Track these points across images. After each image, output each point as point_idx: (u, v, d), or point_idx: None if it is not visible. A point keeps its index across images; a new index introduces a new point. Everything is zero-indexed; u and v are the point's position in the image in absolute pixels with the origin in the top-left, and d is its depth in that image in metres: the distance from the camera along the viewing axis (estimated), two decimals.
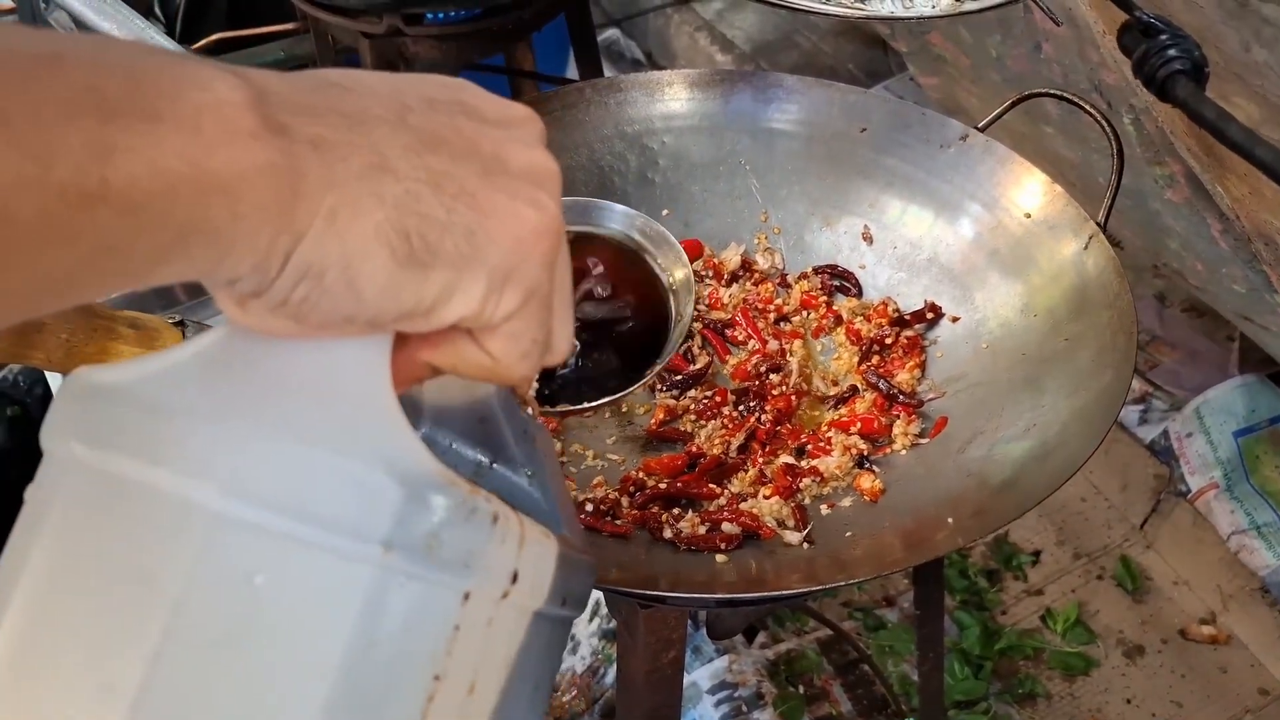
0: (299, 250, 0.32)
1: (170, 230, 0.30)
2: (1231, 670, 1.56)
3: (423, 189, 0.34)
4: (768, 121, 1.04)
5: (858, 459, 0.86)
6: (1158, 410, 1.73)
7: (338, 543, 0.34)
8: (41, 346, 0.67)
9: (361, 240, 0.33)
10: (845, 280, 1.00)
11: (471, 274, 0.35)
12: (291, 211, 0.31)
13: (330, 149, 0.32)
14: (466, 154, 0.36)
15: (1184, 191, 1.22)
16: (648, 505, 0.84)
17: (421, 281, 0.34)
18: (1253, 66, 0.86)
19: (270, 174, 0.31)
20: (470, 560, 0.37)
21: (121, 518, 0.36)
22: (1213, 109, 0.52)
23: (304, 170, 0.32)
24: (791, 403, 0.91)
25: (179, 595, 0.34)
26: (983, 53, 1.50)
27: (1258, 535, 1.56)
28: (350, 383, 0.36)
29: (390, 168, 0.33)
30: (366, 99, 0.35)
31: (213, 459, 0.35)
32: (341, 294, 0.33)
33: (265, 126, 0.31)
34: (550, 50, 1.81)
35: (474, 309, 0.36)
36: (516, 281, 0.36)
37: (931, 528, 0.78)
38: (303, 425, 0.35)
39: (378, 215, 0.33)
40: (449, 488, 0.36)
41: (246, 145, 0.30)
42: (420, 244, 0.34)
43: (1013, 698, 1.53)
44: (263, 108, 0.31)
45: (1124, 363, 0.80)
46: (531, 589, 0.40)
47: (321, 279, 0.33)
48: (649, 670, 0.88)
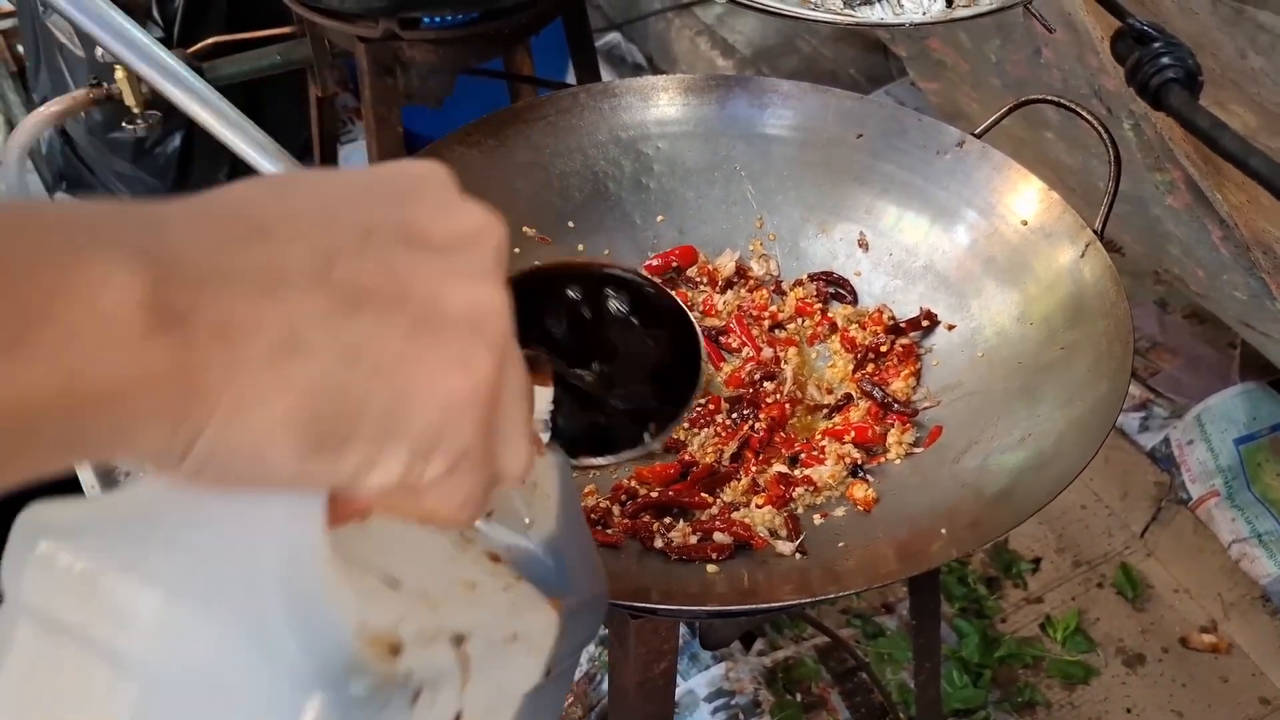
0: (200, 441, 0.30)
1: (42, 448, 0.28)
2: (1232, 679, 1.55)
3: (337, 366, 0.31)
4: (763, 127, 1.04)
5: (851, 468, 0.86)
6: (1159, 417, 1.72)
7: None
8: None
9: (266, 431, 0.31)
10: (840, 287, 0.99)
11: (392, 448, 0.33)
12: (187, 410, 0.30)
13: (234, 330, 0.30)
14: (395, 305, 0.32)
15: (1184, 198, 1.22)
16: (639, 514, 0.83)
17: (335, 462, 0.32)
18: (1249, 74, 0.86)
19: (162, 380, 0.29)
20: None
21: (61, 679, 0.35)
22: (1206, 118, 0.51)
23: (204, 364, 0.29)
24: (785, 411, 0.90)
25: None
26: (982, 58, 1.49)
27: (1259, 543, 1.55)
28: (279, 545, 0.34)
29: (302, 343, 0.31)
30: (286, 248, 0.32)
31: (141, 629, 0.34)
32: (254, 476, 0.32)
33: (160, 322, 0.29)
34: (549, 55, 1.80)
35: (395, 479, 0.33)
36: (444, 449, 0.34)
37: (926, 538, 0.77)
38: (226, 596, 0.34)
39: (283, 403, 0.31)
40: (366, 678, 0.34)
41: (135, 350, 0.28)
42: (332, 426, 0.32)
43: (1012, 706, 1.52)
44: (160, 297, 0.29)
45: (1120, 372, 0.80)
46: (497, 699, 0.39)
47: (230, 463, 0.31)
48: (641, 680, 0.87)
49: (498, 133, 1.01)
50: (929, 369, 0.93)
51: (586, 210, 1.02)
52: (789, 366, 0.93)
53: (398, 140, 1.38)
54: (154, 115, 1.41)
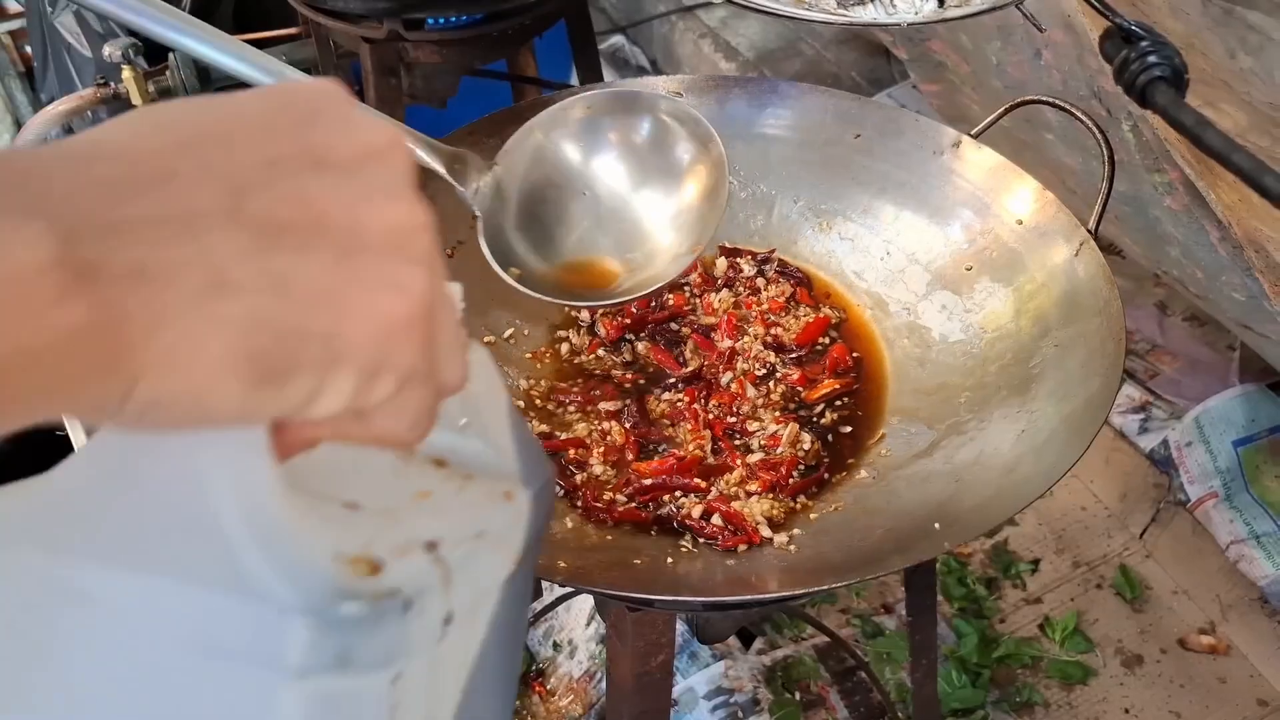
0: (136, 393, 0.29)
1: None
2: (1230, 680, 1.56)
3: (269, 300, 0.30)
4: (761, 127, 1.05)
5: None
6: (1158, 419, 1.73)
7: (251, 674, 0.33)
8: None
9: (205, 373, 0.29)
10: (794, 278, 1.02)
11: (337, 375, 0.32)
12: (116, 364, 0.28)
13: (155, 277, 0.29)
14: (315, 238, 0.31)
15: (1182, 199, 1.22)
16: (648, 491, 0.85)
17: (280, 394, 0.31)
18: (1239, 73, 0.86)
19: (86, 334, 0.28)
20: (389, 654, 0.35)
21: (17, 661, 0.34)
22: (1191, 116, 0.52)
23: (126, 315, 0.28)
24: (733, 399, 0.93)
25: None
26: (983, 59, 1.50)
27: (1257, 545, 1.55)
28: (233, 490, 0.33)
29: (228, 282, 0.30)
30: (191, 188, 0.30)
31: (111, 602, 0.33)
32: (195, 419, 0.31)
33: (74, 279, 0.27)
34: (553, 56, 1.82)
35: (342, 405, 0.33)
36: (389, 371, 0.33)
37: (919, 532, 0.78)
38: (185, 551, 0.33)
39: (220, 343, 0.29)
40: (350, 599, 0.34)
41: (52, 311, 0.27)
42: (273, 362, 0.30)
43: (1010, 706, 1.53)
44: (70, 252, 0.28)
45: (1113, 369, 0.81)
46: (475, 597, 0.39)
47: (171, 410, 0.30)
48: (638, 674, 0.88)
49: (499, 131, 1.02)
50: (922, 366, 0.94)
51: None
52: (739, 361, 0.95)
53: None
54: None
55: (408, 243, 0.33)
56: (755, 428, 0.90)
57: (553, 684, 1.53)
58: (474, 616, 0.40)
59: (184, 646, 0.33)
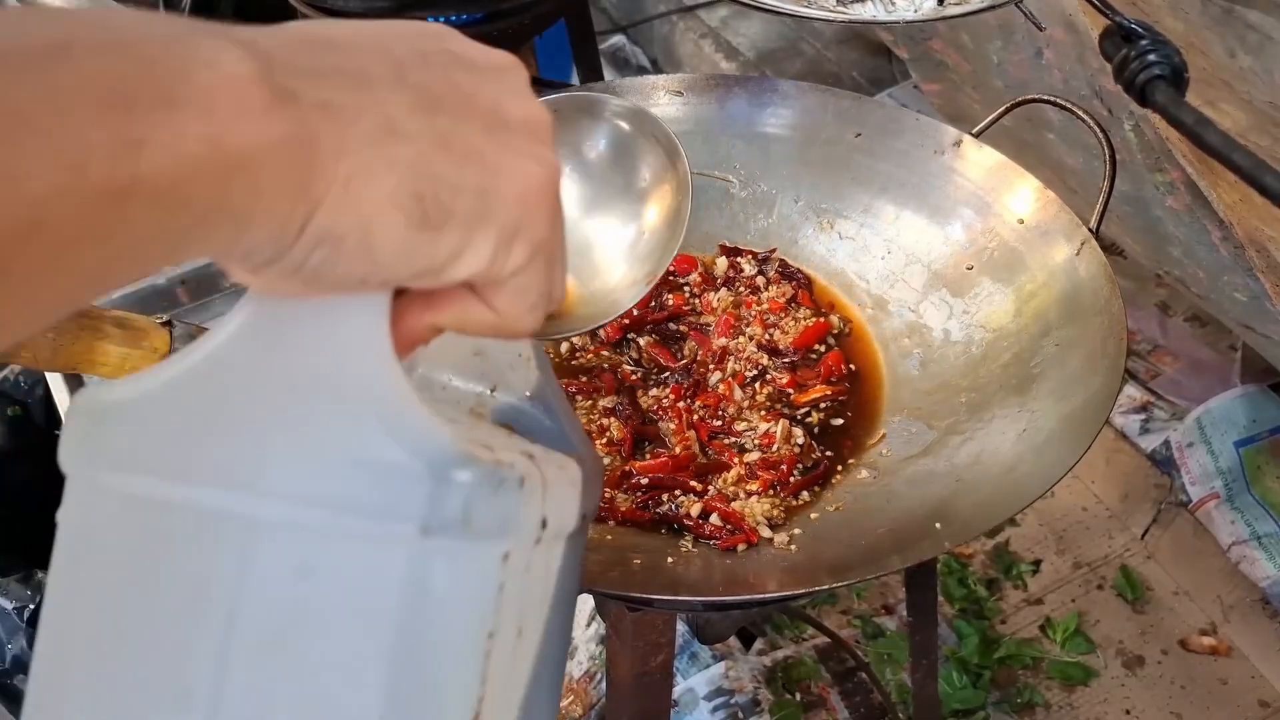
0: (315, 219, 0.32)
1: (192, 215, 0.30)
2: (1232, 682, 1.55)
3: (433, 151, 0.34)
4: (762, 126, 1.05)
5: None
6: (1159, 420, 1.73)
7: (375, 530, 0.35)
8: (28, 345, 0.68)
9: (376, 205, 0.33)
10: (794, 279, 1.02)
11: (482, 232, 0.35)
12: (308, 182, 0.31)
13: (339, 113, 0.32)
14: (467, 111, 0.36)
15: (1184, 198, 1.22)
16: (648, 490, 0.85)
17: (434, 242, 0.34)
18: (1238, 73, 0.86)
19: (286, 147, 0.31)
20: (504, 526, 0.37)
21: (158, 538, 0.36)
22: (1191, 114, 0.51)
23: (318, 138, 0.31)
24: (719, 399, 0.92)
25: (230, 604, 0.35)
26: (984, 59, 1.50)
27: (1258, 546, 1.55)
28: (358, 367, 0.36)
29: (399, 130, 0.33)
30: (362, 57, 0.34)
31: (236, 467, 0.35)
32: (357, 258, 0.33)
33: (275, 97, 0.31)
34: (553, 56, 1.82)
35: (484, 265, 0.36)
36: (524, 237, 0.36)
37: (920, 532, 0.78)
38: (318, 418, 0.36)
39: (391, 180, 0.33)
40: (474, 463, 0.36)
41: (260, 120, 0.30)
42: (434, 206, 0.34)
43: (1011, 707, 1.53)
44: (270, 77, 0.31)
45: (1113, 368, 0.80)
46: (559, 523, 0.41)
47: (339, 245, 0.33)
48: (638, 674, 0.88)
49: None
50: (923, 365, 0.94)
51: None
52: (731, 366, 0.95)
53: None
54: None
55: (540, 131, 0.38)
56: (744, 428, 0.90)
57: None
58: (558, 533, 0.41)
59: (310, 504, 0.35)
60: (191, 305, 1.58)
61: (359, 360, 0.36)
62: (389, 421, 0.35)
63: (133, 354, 0.70)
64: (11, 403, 1.49)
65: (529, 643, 0.41)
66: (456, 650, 0.37)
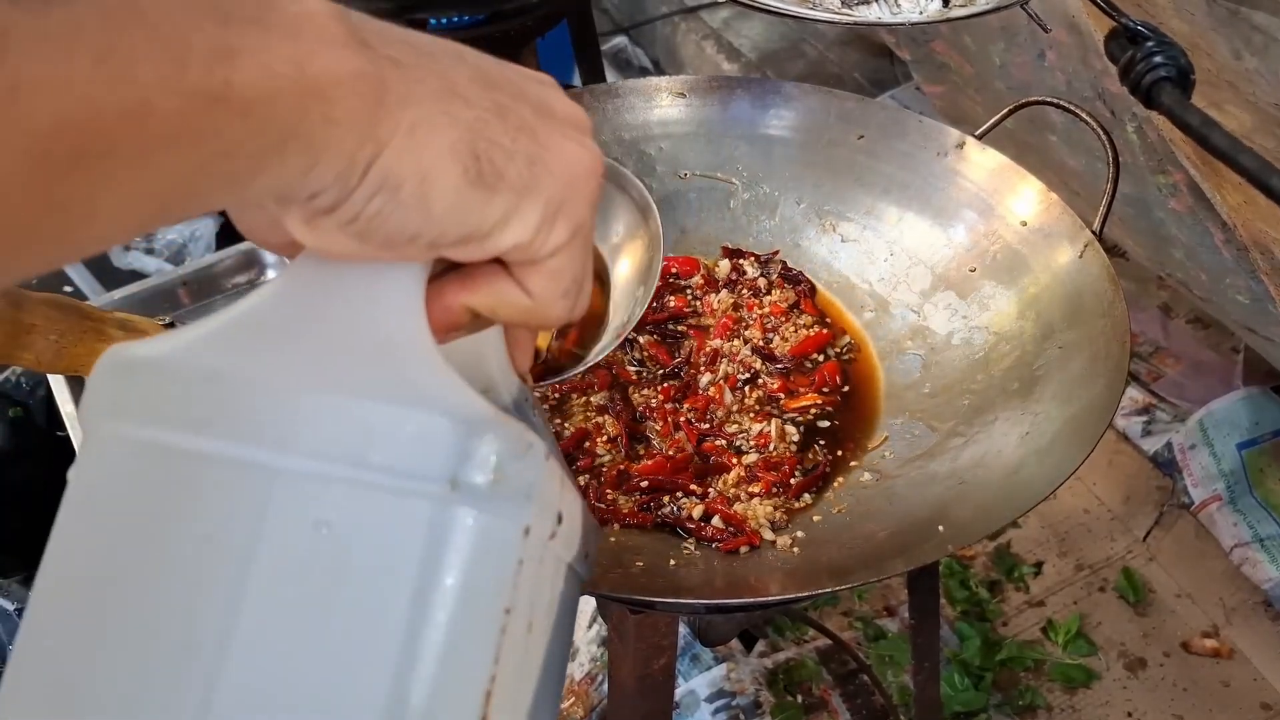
0: (380, 160, 0.33)
1: (273, 134, 0.31)
2: (1234, 684, 1.55)
3: (490, 117, 0.36)
4: (765, 128, 1.04)
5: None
6: (1161, 422, 1.72)
7: (403, 484, 0.35)
8: (31, 347, 0.68)
9: (437, 156, 0.34)
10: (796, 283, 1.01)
11: (530, 202, 0.37)
12: (376, 122, 0.33)
13: (408, 69, 0.34)
14: (520, 95, 0.38)
15: (1187, 201, 1.22)
16: (649, 493, 0.85)
17: (486, 203, 0.36)
18: (1244, 74, 0.86)
19: (360, 83, 0.32)
20: (530, 493, 0.37)
21: (177, 487, 0.36)
22: (1196, 115, 0.51)
23: (388, 84, 0.33)
24: (708, 403, 0.92)
25: (246, 553, 0.35)
26: (987, 61, 1.50)
27: (1261, 548, 1.55)
28: (392, 332, 0.37)
29: (460, 94, 0.35)
30: (426, 38, 0.37)
31: (265, 418, 0.35)
32: (413, 208, 0.35)
33: (352, 38, 0.33)
34: (555, 58, 1.81)
35: (527, 237, 0.37)
36: (567, 215, 0.38)
37: (922, 534, 0.77)
38: (351, 376, 0.36)
39: (452, 134, 0.35)
40: (505, 424, 0.36)
41: (339, 54, 0.32)
42: (489, 166, 0.35)
43: (1013, 709, 1.53)
44: (348, 23, 0.33)
45: (1117, 371, 0.80)
46: (569, 536, 0.41)
47: (398, 191, 0.34)
48: (640, 676, 0.87)
49: None
50: (927, 368, 0.94)
51: None
52: (723, 366, 0.95)
53: None
54: None
55: (584, 126, 0.40)
56: (734, 430, 0.90)
57: None
58: (566, 547, 0.41)
59: (338, 457, 0.35)
60: (193, 306, 1.58)
61: (395, 322, 0.37)
62: (423, 378, 0.36)
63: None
64: (13, 404, 1.49)
65: (536, 643, 0.40)
66: (475, 616, 0.36)
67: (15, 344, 0.67)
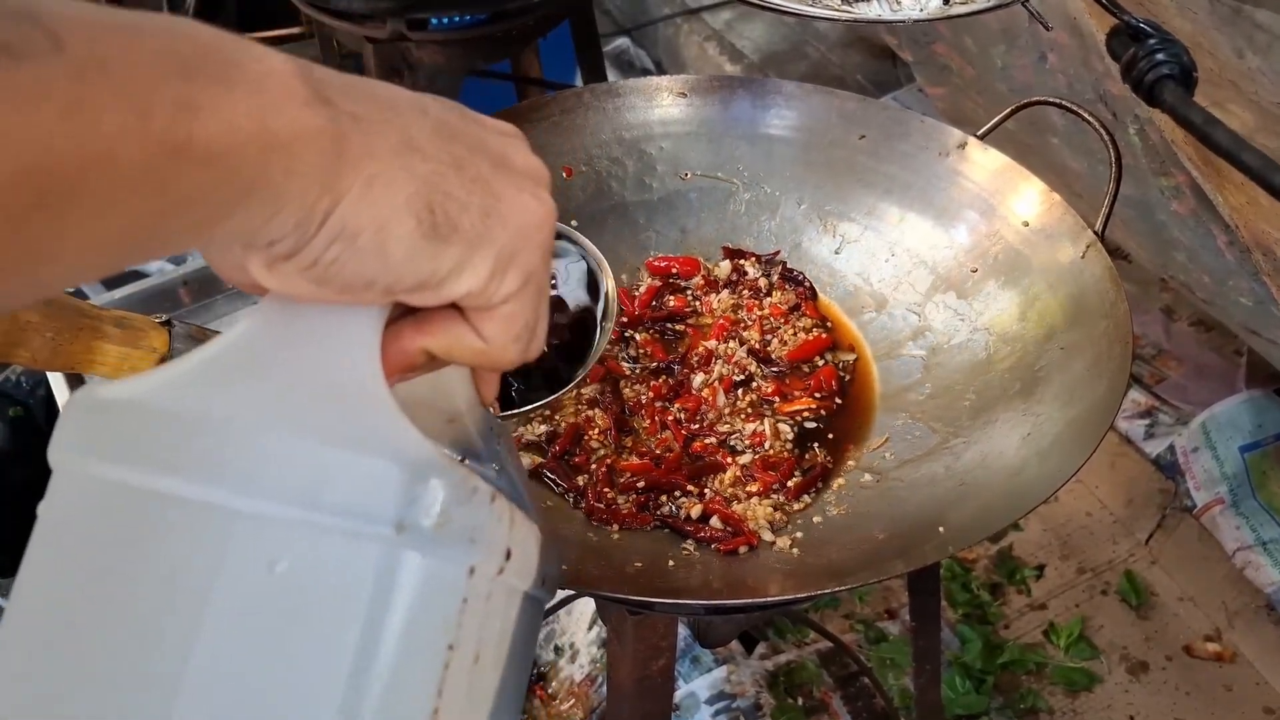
0: (338, 211, 0.35)
1: (237, 185, 0.33)
2: (1237, 688, 1.54)
3: (447, 170, 0.38)
4: (766, 128, 1.04)
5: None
6: (1164, 425, 1.72)
7: (352, 526, 0.36)
8: (27, 345, 0.67)
9: (393, 208, 0.36)
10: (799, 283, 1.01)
11: (482, 252, 0.38)
12: (336, 175, 0.35)
13: (368, 124, 0.36)
14: (478, 148, 0.39)
15: (1190, 203, 1.22)
16: (645, 492, 0.85)
17: (439, 253, 0.37)
18: (1246, 73, 0.86)
19: (321, 138, 0.34)
20: (474, 536, 0.39)
21: (139, 525, 0.37)
22: (1199, 114, 0.51)
23: (348, 139, 0.35)
24: (700, 404, 0.92)
25: (203, 591, 0.36)
26: (988, 63, 1.49)
27: (1263, 551, 1.54)
28: (348, 376, 0.39)
29: (419, 147, 0.37)
30: (388, 91, 0.38)
31: (224, 460, 0.37)
32: (369, 256, 0.36)
33: (315, 96, 0.34)
34: (557, 58, 1.81)
35: (480, 285, 0.39)
36: (519, 265, 0.39)
37: (923, 535, 0.77)
38: (307, 420, 0.37)
39: (409, 188, 0.36)
40: (451, 470, 0.38)
41: (301, 110, 0.33)
42: (443, 218, 0.37)
43: (1014, 713, 1.52)
44: (310, 81, 0.34)
45: (1119, 372, 0.80)
46: (521, 568, 0.42)
47: (355, 240, 0.36)
48: (639, 678, 0.87)
49: None
50: (928, 369, 0.93)
51: (589, 209, 1.02)
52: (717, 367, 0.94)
53: None
54: None
55: (541, 179, 0.42)
56: (727, 430, 0.90)
57: (554, 688, 1.53)
58: (518, 578, 0.43)
59: (292, 499, 0.36)
60: (193, 306, 1.58)
61: (352, 365, 0.39)
62: (375, 423, 0.38)
63: (132, 354, 0.69)
64: (13, 403, 1.49)
65: (485, 678, 0.42)
66: (419, 653, 0.38)
67: (11, 341, 0.67)
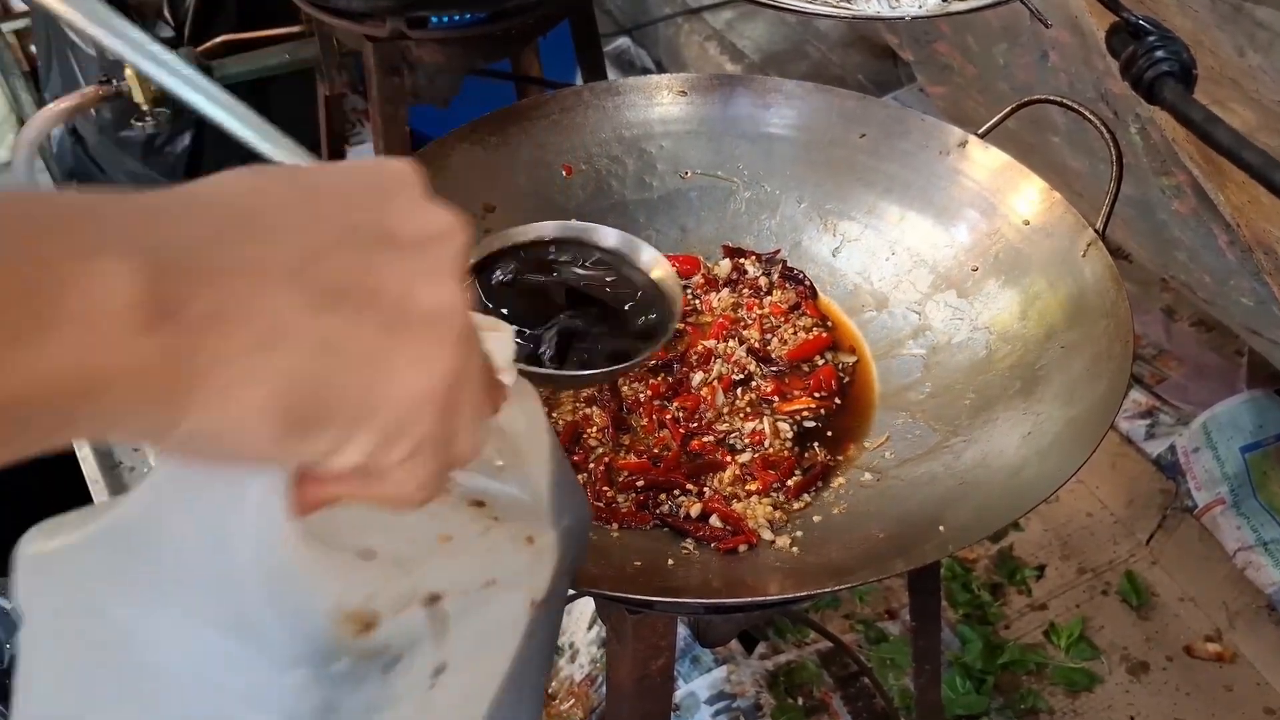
0: (185, 424, 0.33)
1: (53, 424, 0.31)
2: (1237, 688, 1.54)
3: (314, 358, 0.34)
4: (766, 126, 1.04)
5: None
6: (1165, 425, 1.72)
7: (245, 715, 0.37)
8: None
9: (248, 412, 0.33)
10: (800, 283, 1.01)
11: (364, 429, 0.36)
12: (174, 397, 0.32)
13: (224, 323, 0.32)
14: (368, 303, 0.35)
15: (1191, 203, 1.21)
16: (644, 491, 0.85)
17: (311, 440, 0.35)
18: (1247, 71, 0.86)
19: (154, 370, 0.31)
20: (370, 708, 0.39)
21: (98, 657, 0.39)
22: (1200, 111, 0.51)
23: (193, 353, 0.32)
24: (699, 402, 0.92)
25: None
26: (989, 62, 1.49)
27: (1264, 552, 1.54)
28: (248, 541, 0.37)
29: (286, 333, 0.33)
30: (272, 243, 0.34)
31: (140, 621, 0.38)
32: (236, 448, 0.34)
33: (156, 315, 0.31)
34: (557, 57, 1.81)
35: (364, 459, 0.36)
36: (408, 436, 0.37)
37: (923, 534, 0.77)
38: (207, 588, 0.37)
39: (264, 390, 0.33)
40: (340, 657, 0.37)
41: (132, 344, 0.31)
42: (311, 409, 0.34)
43: (1014, 713, 1.52)
44: (156, 291, 0.31)
45: (1120, 371, 0.80)
46: (484, 638, 0.43)
47: (217, 440, 0.34)
48: (638, 677, 0.87)
49: (502, 130, 1.02)
50: (928, 368, 0.93)
51: (589, 208, 1.02)
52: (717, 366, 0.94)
53: (405, 140, 1.38)
54: (163, 113, 1.42)
55: (446, 323, 0.37)
56: (725, 429, 0.89)
57: (554, 688, 1.53)
58: (479, 658, 0.43)
59: (190, 675, 0.37)
60: None
61: (250, 532, 0.37)
62: (267, 603, 0.37)
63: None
64: None
65: None
66: None
67: None
